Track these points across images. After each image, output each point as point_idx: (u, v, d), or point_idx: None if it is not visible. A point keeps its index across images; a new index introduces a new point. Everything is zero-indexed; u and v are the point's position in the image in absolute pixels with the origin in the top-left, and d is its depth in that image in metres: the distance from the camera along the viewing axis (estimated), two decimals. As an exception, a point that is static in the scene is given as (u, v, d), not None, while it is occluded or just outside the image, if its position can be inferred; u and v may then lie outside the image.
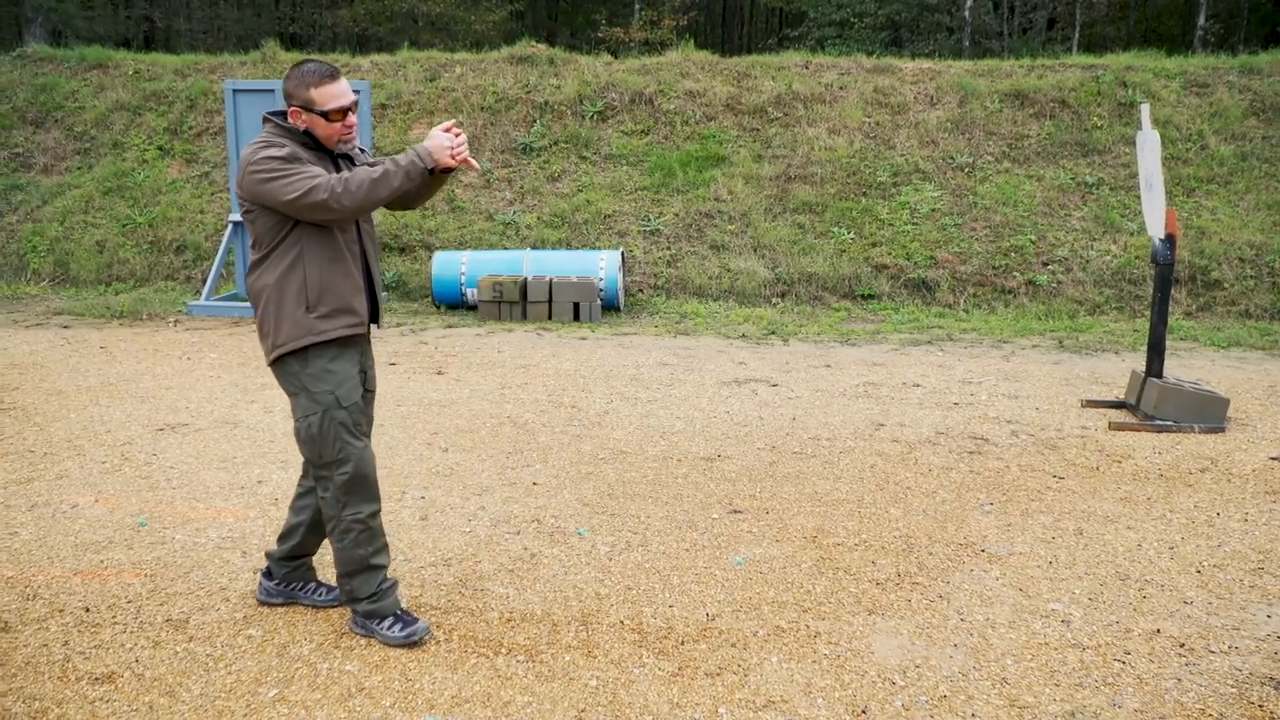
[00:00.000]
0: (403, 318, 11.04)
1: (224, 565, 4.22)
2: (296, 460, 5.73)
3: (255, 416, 6.71)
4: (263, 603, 3.83)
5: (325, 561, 4.27)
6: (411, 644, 3.50)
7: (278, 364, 3.44)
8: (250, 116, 11.64)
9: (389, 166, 3.28)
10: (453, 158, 3.36)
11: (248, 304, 11.18)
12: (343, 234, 3.43)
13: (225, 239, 11.82)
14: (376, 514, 3.54)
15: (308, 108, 3.33)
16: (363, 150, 3.67)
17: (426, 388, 7.63)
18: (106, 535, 4.54)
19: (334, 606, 3.81)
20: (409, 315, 11.21)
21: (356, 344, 3.54)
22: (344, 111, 3.36)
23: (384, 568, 3.57)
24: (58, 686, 3.23)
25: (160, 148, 14.80)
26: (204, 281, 12.17)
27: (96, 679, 3.27)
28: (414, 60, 16.16)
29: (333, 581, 4.02)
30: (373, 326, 3.68)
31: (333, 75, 3.35)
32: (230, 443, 6.09)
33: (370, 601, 3.54)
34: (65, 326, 10.27)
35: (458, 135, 3.39)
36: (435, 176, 3.50)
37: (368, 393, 3.65)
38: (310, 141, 3.41)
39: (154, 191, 14.12)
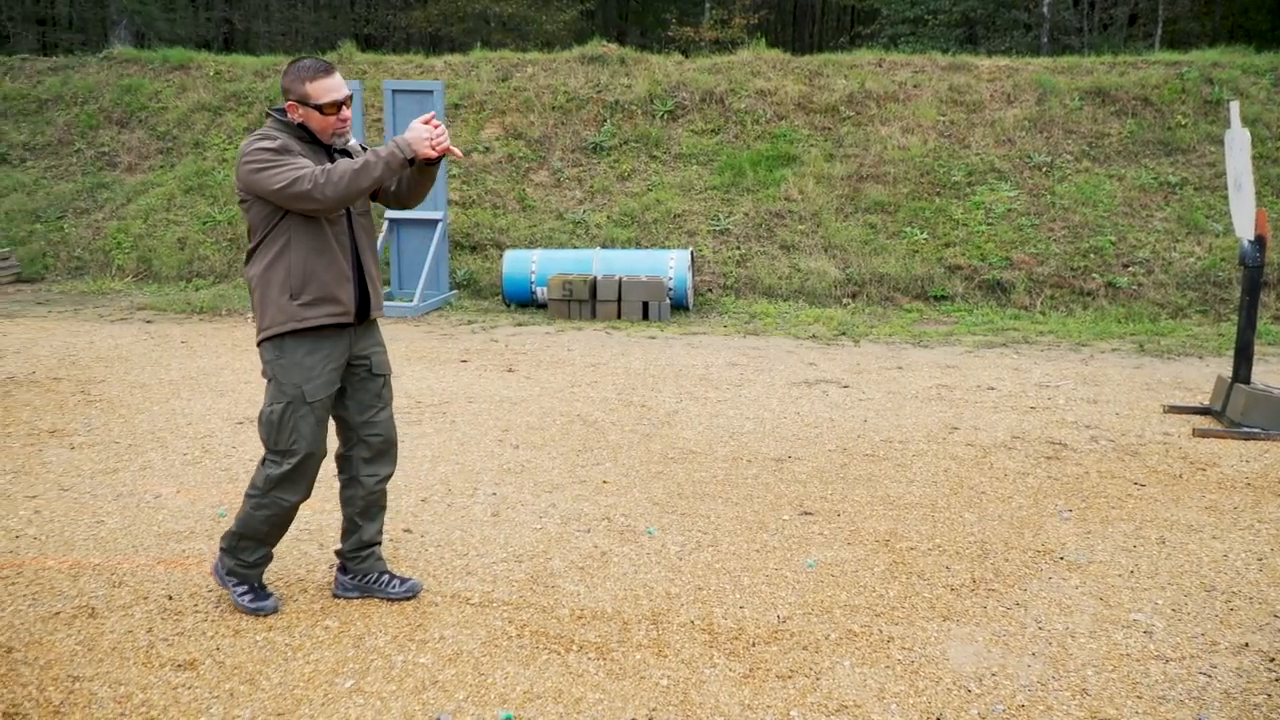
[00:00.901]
0: (474, 315, 11.15)
1: (301, 556, 4.30)
2: (371, 455, 5.81)
3: (330, 411, 6.81)
4: (338, 597, 3.89)
5: (399, 555, 4.32)
6: (259, 615, 3.66)
7: (260, 347, 3.56)
8: (327, 116, 11.84)
9: (369, 157, 3.36)
10: (433, 148, 3.42)
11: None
12: (331, 225, 3.51)
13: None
14: (299, 504, 3.66)
15: (303, 102, 3.45)
16: (364, 148, 3.74)
17: (497, 385, 7.69)
18: (188, 525, 4.65)
19: (407, 598, 3.86)
20: (480, 313, 11.31)
21: (341, 336, 3.59)
22: (337, 105, 3.46)
23: (272, 546, 3.73)
24: (142, 672, 3.31)
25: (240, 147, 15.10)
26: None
27: (179, 665, 3.35)
28: (486, 60, 16.30)
29: (404, 572, 4.07)
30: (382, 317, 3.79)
31: (327, 71, 3.46)
32: (306, 437, 6.19)
33: (242, 565, 3.70)
34: (148, 321, 10.54)
35: (437, 127, 3.44)
36: (423, 169, 3.59)
37: (376, 377, 3.73)
38: (306, 135, 3.52)
39: (233, 190, 14.40)
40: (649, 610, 3.84)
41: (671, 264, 11.18)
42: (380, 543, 3.92)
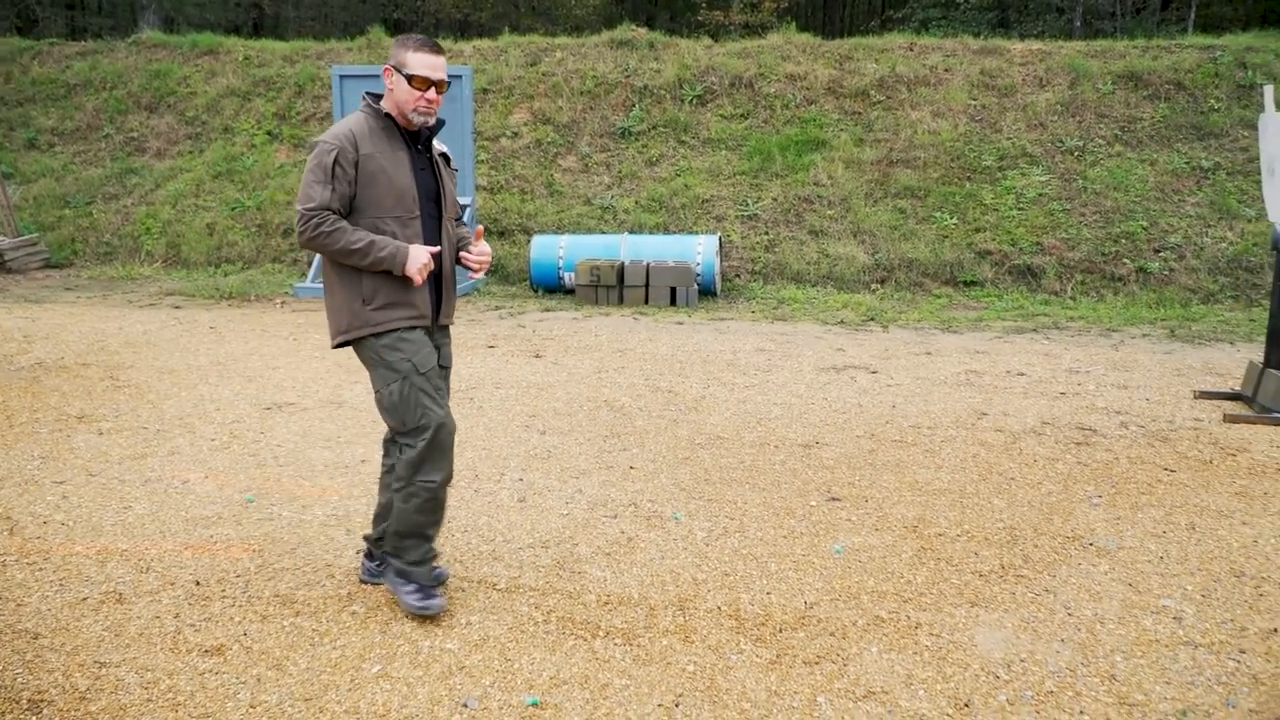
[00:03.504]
0: (501, 300, 11.17)
1: (329, 542, 4.32)
2: (398, 440, 5.84)
3: (359, 397, 6.85)
4: (364, 583, 3.91)
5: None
6: (421, 615, 3.58)
7: (350, 344, 3.57)
8: (357, 102, 11.85)
9: (366, 245, 3.37)
10: (419, 276, 3.44)
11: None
12: (404, 229, 3.49)
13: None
14: (445, 483, 3.60)
15: (399, 69, 3.43)
16: (446, 157, 3.72)
17: (524, 370, 7.70)
18: (216, 511, 4.69)
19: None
20: (507, 299, 11.33)
21: (422, 331, 3.59)
22: (427, 82, 3.42)
23: (433, 539, 3.67)
24: (169, 658, 3.34)
25: (269, 132, 15.18)
26: (309, 264, 12.46)
27: (206, 651, 3.38)
28: (515, 45, 16.28)
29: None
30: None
31: (432, 48, 3.46)
32: (334, 422, 6.23)
33: (409, 564, 3.64)
34: (176, 307, 10.63)
35: (430, 268, 3.46)
36: None
37: (443, 369, 3.72)
38: (391, 125, 3.50)
39: (262, 175, 14.50)
40: (675, 596, 3.84)
41: (699, 249, 11.15)
42: None
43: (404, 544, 3.62)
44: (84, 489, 4.97)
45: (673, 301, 10.93)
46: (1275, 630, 3.60)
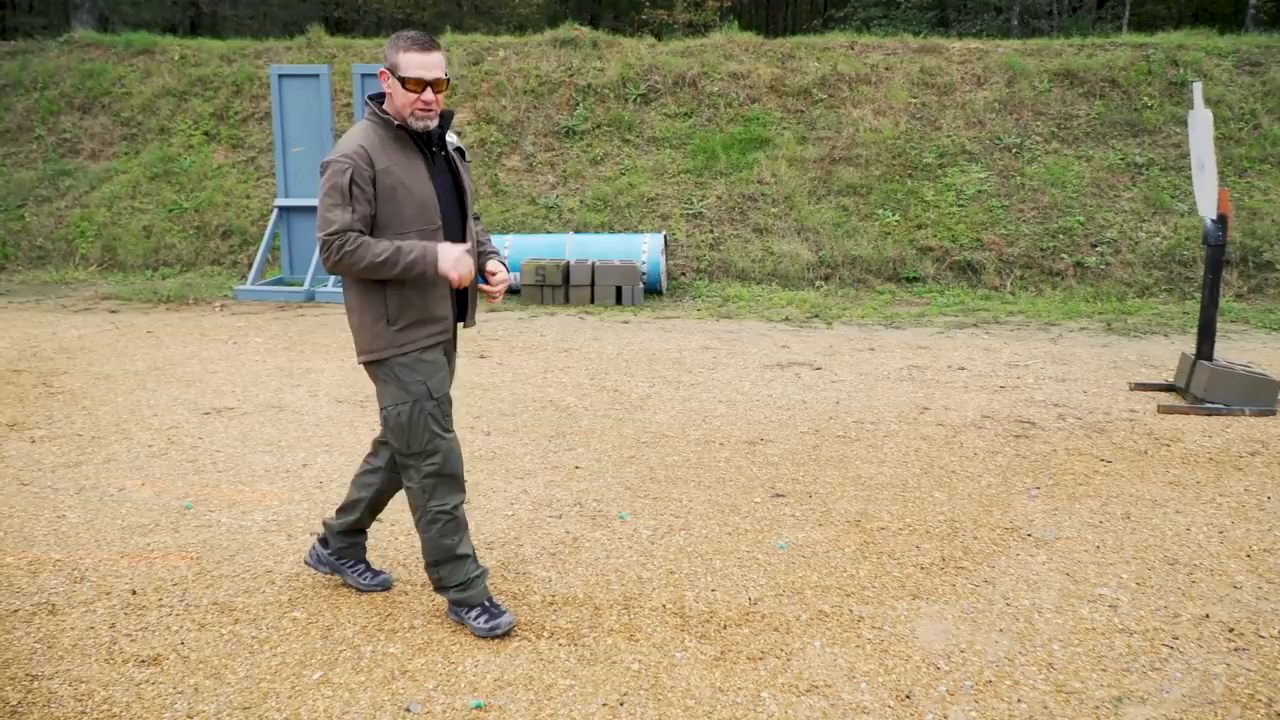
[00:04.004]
0: (445, 302, 11.09)
1: (269, 548, 4.27)
2: (341, 444, 5.79)
3: (300, 400, 6.77)
4: (308, 564, 3.88)
5: (369, 545, 4.30)
6: (495, 637, 3.48)
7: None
8: (295, 101, 11.74)
9: (394, 257, 3.23)
10: (458, 279, 3.30)
11: (293, 289, 11.30)
12: (434, 236, 3.37)
13: (271, 224, 11.93)
14: (461, 504, 3.53)
15: (393, 71, 3.29)
16: (460, 151, 3.60)
17: (469, 371, 7.65)
18: (153, 518, 4.61)
19: (376, 591, 3.83)
20: (451, 299, 11.26)
21: (445, 345, 3.53)
22: (422, 84, 3.26)
23: (469, 556, 3.55)
24: (104, 669, 3.27)
25: (206, 133, 14.95)
26: (250, 266, 12.29)
27: (142, 661, 3.32)
28: (457, 44, 16.18)
29: (375, 562, 4.05)
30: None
31: (423, 45, 3.28)
32: (275, 426, 6.15)
33: (458, 590, 3.53)
34: (113, 311, 10.43)
35: (470, 266, 3.34)
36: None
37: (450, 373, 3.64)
38: (400, 133, 3.35)
39: (200, 177, 14.27)
40: (620, 595, 3.84)
41: (645, 248, 11.16)
42: (368, 528, 3.88)
43: (442, 571, 3.53)
44: (15, 498, 4.86)
45: (618, 300, 10.93)
46: (1207, 616, 3.68)
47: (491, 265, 3.65)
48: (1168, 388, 7.12)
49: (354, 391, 7.00)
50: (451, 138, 3.56)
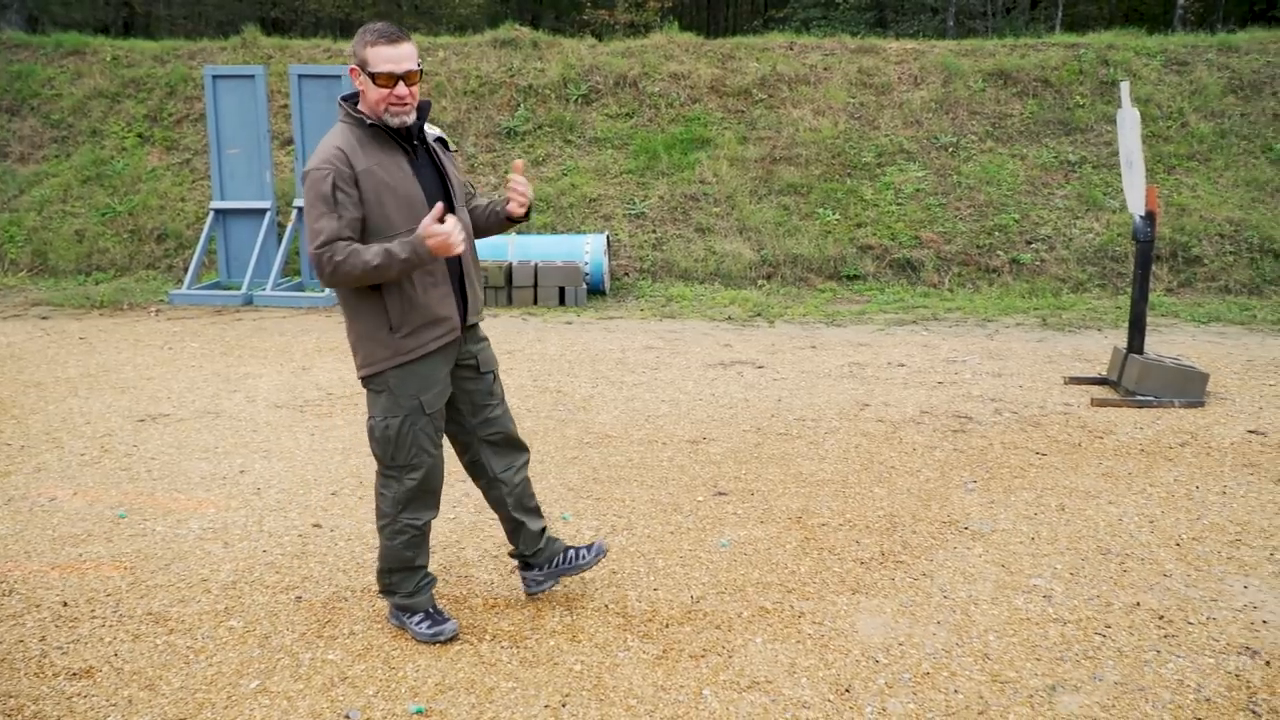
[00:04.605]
0: (387, 304, 10.99)
1: (205, 556, 4.21)
2: (279, 449, 5.72)
3: (238, 406, 6.68)
4: (533, 594, 3.78)
5: (307, 551, 4.25)
6: (438, 642, 3.45)
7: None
8: (230, 102, 11.56)
9: (385, 259, 3.08)
10: (453, 244, 3.13)
11: (231, 293, 11.13)
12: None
13: (207, 227, 11.74)
14: (431, 521, 3.49)
15: (363, 67, 3.18)
16: (444, 141, 3.48)
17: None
18: (85, 528, 4.52)
19: (599, 560, 3.76)
20: (393, 302, 11.16)
21: (450, 348, 3.39)
22: (393, 78, 3.15)
23: (424, 568, 3.53)
24: (34, 682, 3.21)
25: (140, 135, 14.68)
26: (186, 270, 12.08)
27: (74, 674, 3.25)
28: (395, 45, 16.02)
29: (314, 569, 4.01)
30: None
31: (392, 38, 3.15)
32: (212, 433, 6.06)
33: (405, 597, 3.51)
34: (44, 318, 10.20)
35: (457, 235, 3.14)
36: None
37: (484, 374, 3.52)
38: (379, 130, 3.24)
39: (134, 180, 14.01)
40: (563, 596, 3.84)
41: (587, 249, 11.15)
42: (545, 526, 3.75)
43: (394, 579, 3.50)
44: (-58, 511, 4.74)
45: (561, 301, 10.91)
46: (1138, 604, 3.77)
47: (517, 179, 3.46)
48: (1101, 381, 7.26)
49: (293, 396, 6.92)
50: (432, 129, 3.45)
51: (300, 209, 11.63)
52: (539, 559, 3.73)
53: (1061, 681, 3.22)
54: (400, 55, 3.16)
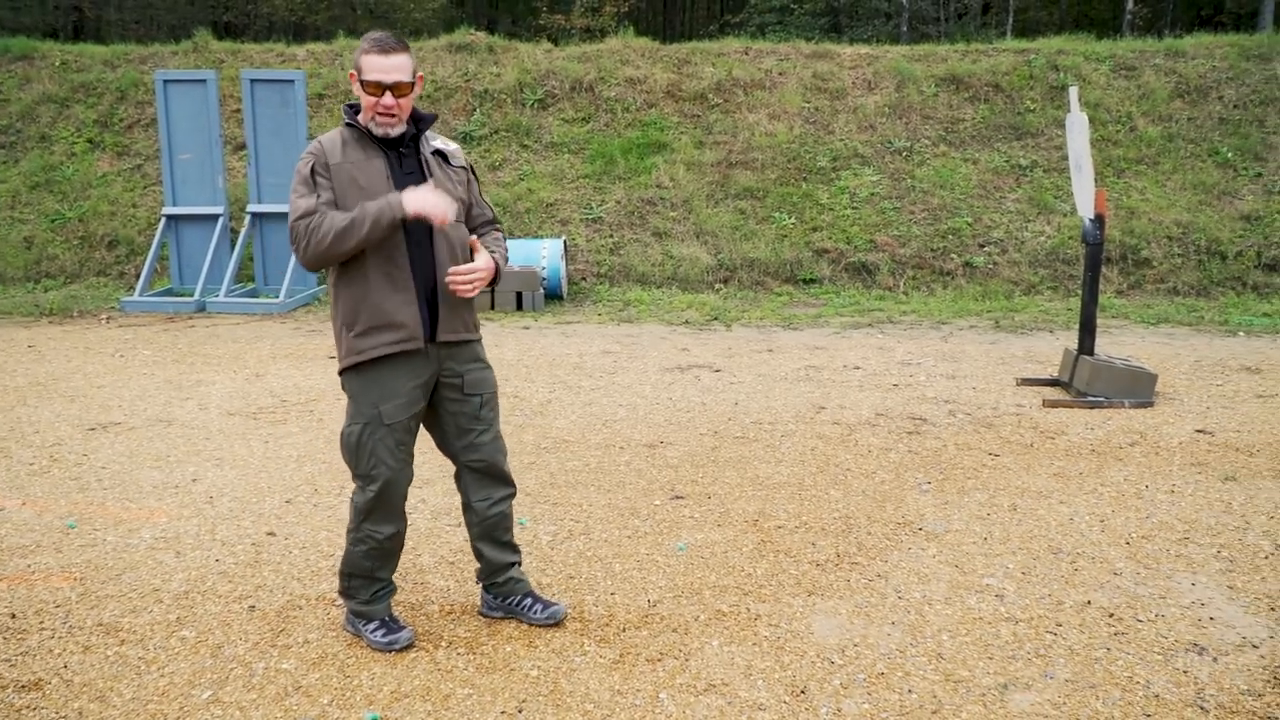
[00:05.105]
0: (342, 310, 10.90)
1: (157, 566, 4.15)
2: (232, 457, 5.66)
3: (190, 414, 6.60)
4: (484, 615, 3.72)
5: (260, 559, 4.22)
6: (391, 651, 3.43)
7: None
8: (182, 108, 11.44)
9: (357, 214, 3.12)
10: (439, 213, 3.13)
11: (183, 299, 11.00)
12: (403, 240, 3.22)
13: (159, 233, 11.60)
14: (395, 535, 3.45)
15: (357, 74, 3.22)
16: (440, 153, 3.39)
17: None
18: (34, 539, 4.44)
19: (548, 624, 3.63)
20: (349, 308, 11.08)
21: (414, 359, 3.30)
22: (380, 87, 3.17)
23: (385, 580, 3.51)
24: (-17, 694, 3.15)
25: (90, 140, 14.47)
26: (137, 277, 11.92)
27: (23, 687, 3.20)
28: (351, 49, 15.93)
29: (269, 577, 3.97)
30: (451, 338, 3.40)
31: (384, 47, 3.18)
32: (164, 441, 5.99)
33: (362, 604, 3.49)
34: (-7, 326, 10.02)
35: (447, 208, 3.15)
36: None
37: (470, 397, 3.45)
38: (366, 134, 3.28)
39: (84, 186, 13.81)
40: (519, 601, 3.83)
41: (544, 253, 11.14)
42: (514, 564, 3.68)
43: (353, 584, 3.48)
44: (-116, 523, 4.64)
45: (519, 306, 10.89)
46: (1089, 603, 3.82)
47: (479, 260, 3.35)
48: (1052, 382, 7.37)
49: (246, 403, 6.85)
50: (437, 142, 3.42)
51: (253, 214, 11.54)
52: (495, 590, 3.70)
53: (1014, 680, 3.27)
54: (389, 66, 3.18)
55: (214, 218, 11.57)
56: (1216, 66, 14.33)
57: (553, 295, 11.28)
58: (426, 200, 3.13)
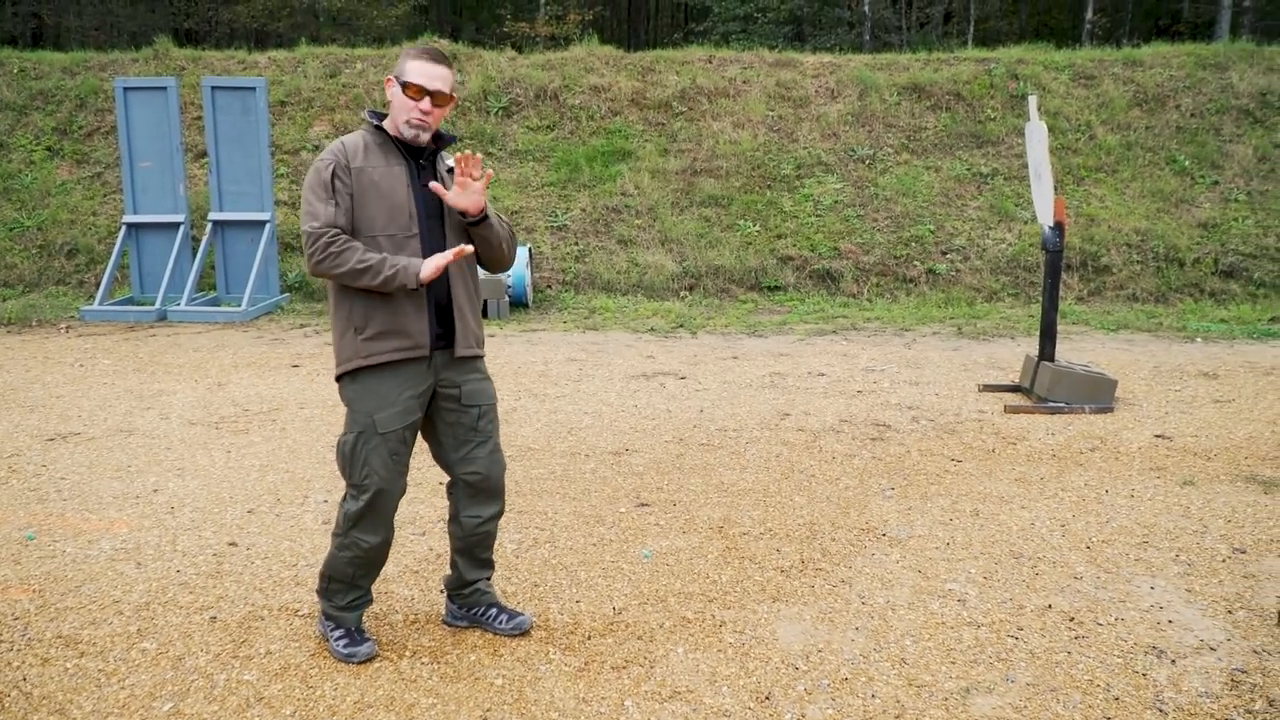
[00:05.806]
0: (306, 319, 10.85)
1: (117, 577, 4.11)
2: (194, 467, 5.61)
3: (151, 423, 6.53)
4: (448, 624, 3.70)
5: (222, 570, 4.18)
6: (350, 662, 3.41)
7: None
8: (142, 115, 11.33)
9: (377, 266, 3.16)
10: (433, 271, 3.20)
11: (144, 308, 10.88)
12: (400, 250, 3.26)
13: (119, 242, 11.47)
14: (382, 545, 3.43)
15: (398, 77, 3.26)
16: (453, 171, 3.40)
17: (330, 390, 7.50)
18: (-8, 551, 4.38)
19: (513, 635, 3.63)
20: (313, 316, 11.02)
21: (415, 367, 3.33)
22: (422, 91, 3.23)
23: (364, 590, 3.51)
24: (-62, 710, 3.11)
25: (49, 148, 14.30)
26: (97, 286, 11.78)
27: (-20, 700, 3.16)
28: (313, 56, 15.85)
29: (230, 588, 3.94)
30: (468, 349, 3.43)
31: (434, 57, 3.27)
32: (125, 451, 5.92)
33: (335, 607, 3.48)
34: (-52, 335, 9.87)
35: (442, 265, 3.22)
36: (476, 233, 3.39)
37: (468, 409, 3.44)
38: (390, 142, 3.31)
39: (43, 194, 13.63)
40: (484, 610, 3.82)
41: (508, 261, 11.11)
42: (485, 578, 3.67)
43: (332, 587, 3.47)
44: None
45: (484, 314, 10.86)
46: (1050, 607, 3.87)
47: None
48: (1014, 388, 7.45)
49: (208, 413, 6.79)
50: (451, 161, 3.44)
51: (215, 222, 11.45)
52: (460, 600, 3.69)
53: (975, 684, 3.30)
54: (435, 74, 3.27)
55: (175, 226, 11.46)
56: (1174, 75, 14.56)
57: (518, 303, 11.27)
58: (441, 265, 3.21)
